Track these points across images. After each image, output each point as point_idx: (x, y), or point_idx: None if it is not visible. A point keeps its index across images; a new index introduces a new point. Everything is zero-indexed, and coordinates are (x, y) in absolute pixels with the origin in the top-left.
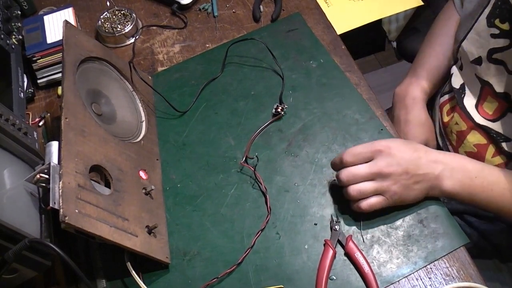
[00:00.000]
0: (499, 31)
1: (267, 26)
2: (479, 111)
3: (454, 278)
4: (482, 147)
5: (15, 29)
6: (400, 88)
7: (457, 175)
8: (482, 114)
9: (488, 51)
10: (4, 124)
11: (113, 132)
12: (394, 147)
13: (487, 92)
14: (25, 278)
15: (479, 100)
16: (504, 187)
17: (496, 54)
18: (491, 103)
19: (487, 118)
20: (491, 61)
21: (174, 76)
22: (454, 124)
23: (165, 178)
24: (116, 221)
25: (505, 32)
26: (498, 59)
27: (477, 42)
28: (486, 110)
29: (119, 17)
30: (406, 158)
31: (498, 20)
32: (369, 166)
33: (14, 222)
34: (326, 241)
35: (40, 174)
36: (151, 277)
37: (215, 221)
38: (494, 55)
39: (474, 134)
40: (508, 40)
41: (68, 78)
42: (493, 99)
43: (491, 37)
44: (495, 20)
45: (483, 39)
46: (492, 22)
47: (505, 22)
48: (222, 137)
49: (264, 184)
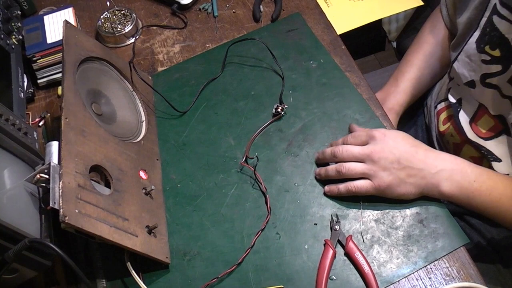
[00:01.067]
0: (490, 57)
1: (267, 26)
2: (472, 128)
3: (454, 278)
4: (477, 160)
5: (15, 29)
6: (380, 94)
7: (456, 177)
8: (475, 131)
9: (481, 76)
10: (4, 124)
11: (113, 132)
12: (391, 137)
13: (483, 112)
14: (25, 278)
15: (473, 118)
16: (501, 192)
17: (489, 79)
18: (487, 121)
19: (480, 136)
20: (485, 85)
21: (174, 76)
22: (450, 135)
23: (165, 178)
24: (116, 221)
25: (497, 58)
26: (492, 83)
27: (468, 65)
28: (480, 128)
29: (119, 17)
30: (400, 149)
31: (488, 47)
32: (362, 147)
33: (14, 222)
34: (326, 241)
35: (40, 174)
36: (151, 277)
37: (215, 221)
38: (488, 79)
39: (468, 148)
40: (500, 65)
41: (68, 78)
42: (490, 118)
43: (483, 63)
44: (485, 47)
45: (475, 64)
46: (482, 48)
47: (495, 48)
48: (222, 137)
49: (264, 184)
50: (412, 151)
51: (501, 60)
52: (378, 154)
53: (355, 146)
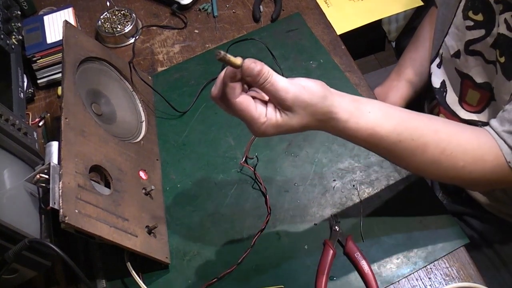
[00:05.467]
0: (474, 23)
1: (267, 26)
2: (463, 106)
3: (454, 278)
4: None
5: (15, 29)
6: (381, 89)
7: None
8: (467, 108)
9: (465, 43)
10: (4, 124)
11: (113, 132)
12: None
13: (467, 85)
14: (25, 278)
15: (461, 94)
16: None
17: (472, 45)
18: (473, 94)
19: (472, 111)
20: (468, 53)
21: (174, 76)
22: None
23: (165, 178)
24: (116, 221)
25: (480, 23)
26: (475, 50)
27: (456, 36)
28: (470, 103)
29: (119, 17)
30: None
31: (471, 12)
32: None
33: (14, 222)
34: (326, 241)
35: (40, 174)
36: (151, 277)
37: (215, 221)
38: (471, 46)
39: None
40: (483, 30)
41: (68, 78)
42: (474, 90)
43: (467, 29)
44: (468, 12)
45: (461, 32)
46: (466, 15)
47: (478, 13)
48: (222, 137)
49: (264, 184)
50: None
51: (483, 24)
52: None
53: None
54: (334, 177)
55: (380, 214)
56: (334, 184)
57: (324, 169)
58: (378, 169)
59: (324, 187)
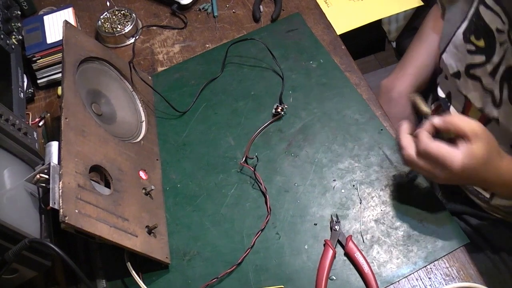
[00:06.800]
0: (475, 48)
1: (267, 26)
2: None
3: (454, 278)
4: None
5: (15, 29)
6: (387, 80)
7: None
8: None
9: (465, 66)
10: (4, 124)
11: (113, 132)
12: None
13: (469, 105)
14: (25, 278)
15: (463, 111)
16: None
17: (473, 70)
18: (475, 113)
19: None
20: (469, 76)
21: (174, 76)
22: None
23: (165, 178)
24: (116, 221)
25: (481, 49)
26: (475, 75)
27: (456, 56)
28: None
29: (119, 17)
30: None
31: (473, 36)
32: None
33: (14, 222)
34: (326, 241)
35: (40, 174)
36: (151, 277)
37: (215, 221)
38: (471, 70)
39: None
40: (483, 56)
41: (68, 78)
42: (476, 110)
43: (468, 53)
44: (471, 36)
45: (461, 54)
46: (467, 38)
47: (480, 38)
48: (222, 137)
49: (264, 184)
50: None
51: (485, 51)
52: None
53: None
54: (334, 177)
55: (380, 214)
56: (334, 184)
57: (324, 169)
58: (378, 169)
59: (324, 187)
